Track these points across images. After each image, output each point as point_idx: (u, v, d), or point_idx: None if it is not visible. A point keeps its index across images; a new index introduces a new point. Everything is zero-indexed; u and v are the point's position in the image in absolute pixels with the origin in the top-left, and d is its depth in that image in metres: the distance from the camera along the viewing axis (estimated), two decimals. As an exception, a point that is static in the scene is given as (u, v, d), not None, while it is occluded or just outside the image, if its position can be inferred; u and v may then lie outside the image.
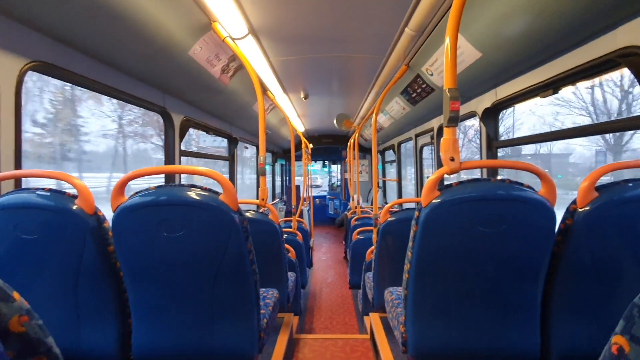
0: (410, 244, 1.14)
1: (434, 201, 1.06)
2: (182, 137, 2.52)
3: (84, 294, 1.15)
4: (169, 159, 2.43)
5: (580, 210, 1.02)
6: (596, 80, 1.52)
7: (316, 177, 14.40)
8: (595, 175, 1.00)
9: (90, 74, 1.62)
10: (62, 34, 1.39)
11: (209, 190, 1.10)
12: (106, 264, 1.15)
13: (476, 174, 3.49)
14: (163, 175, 2.48)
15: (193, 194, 1.07)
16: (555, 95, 1.73)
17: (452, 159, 1.05)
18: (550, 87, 1.71)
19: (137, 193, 1.10)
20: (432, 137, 3.47)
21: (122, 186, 1.11)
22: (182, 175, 2.54)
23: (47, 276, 1.14)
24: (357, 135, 4.40)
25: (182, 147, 2.57)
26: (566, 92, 1.72)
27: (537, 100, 1.83)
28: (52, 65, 1.41)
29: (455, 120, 1.05)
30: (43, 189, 1.12)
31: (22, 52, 1.28)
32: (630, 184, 1.00)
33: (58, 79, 1.54)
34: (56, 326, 1.17)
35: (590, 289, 1.06)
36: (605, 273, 1.03)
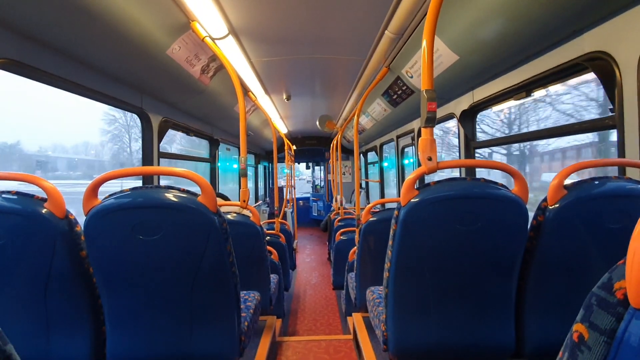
0: (390, 242, 1.16)
1: (412, 200, 1.07)
2: (160, 138, 2.46)
3: (54, 302, 1.10)
4: (147, 161, 2.37)
5: (550, 207, 1.06)
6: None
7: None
8: (564, 174, 1.05)
9: (63, 73, 1.56)
10: (32, 31, 1.33)
11: (187, 191, 1.08)
12: (78, 269, 1.10)
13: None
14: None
15: (170, 196, 1.04)
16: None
17: (430, 159, 1.07)
18: (523, 89, 1.78)
19: (111, 195, 1.07)
20: (412, 139, 3.54)
21: (95, 188, 1.07)
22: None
23: (15, 283, 1.08)
24: (339, 136, 4.42)
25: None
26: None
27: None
28: (20, 63, 1.35)
29: (432, 120, 1.07)
30: (9, 192, 1.06)
31: None
32: (597, 182, 1.04)
33: (27, 78, 1.47)
34: (24, 336, 1.12)
35: (561, 283, 1.10)
36: (575, 267, 1.08)
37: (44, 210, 1.04)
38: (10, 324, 1.08)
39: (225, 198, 2.68)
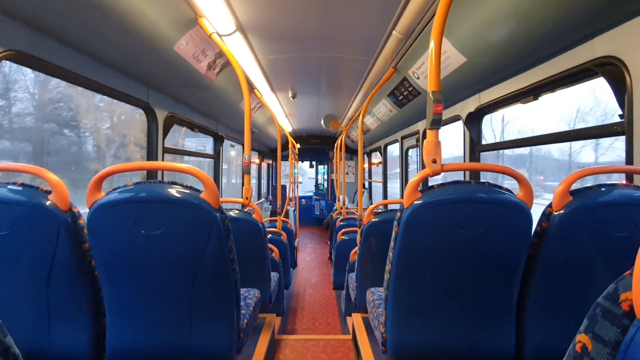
0: (391, 244, 1.15)
1: (415, 202, 1.07)
2: (165, 133, 2.47)
3: (56, 293, 1.11)
4: (152, 156, 2.38)
5: (555, 213, 1.04)
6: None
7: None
8: (570, 180, 1.03)
9: (70, 66, 1.57)
10: (41, 23, 1.33)
11: (190, 187, 1.08)
12: (80, 262, 1.11)
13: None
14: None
15: (173, 191, 1.05)
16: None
17: (435, 161, 1.06)
18: (531, 93, 1.76)
19: (114, 189, 1.07)
20: (417, 140, 3.52)
21: (99, 182, 1.08)
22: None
23: (18, 274, 1.09)
24: (344, 136, 4.41)
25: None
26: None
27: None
28: (28, 55, 1.36)
29: (438, 122, 1.07)
30: (15, 183, 1.07)
31: None
32: (603, 189, 1.03)
33: (35, 70, 1.48)
34: (26, 326, 1.12)
35: (564, 290, 1.09)
36: (578, 275, 1.06)
37: (48, 203, 1.05)
38: (12, 314, 1.09)
39: None
